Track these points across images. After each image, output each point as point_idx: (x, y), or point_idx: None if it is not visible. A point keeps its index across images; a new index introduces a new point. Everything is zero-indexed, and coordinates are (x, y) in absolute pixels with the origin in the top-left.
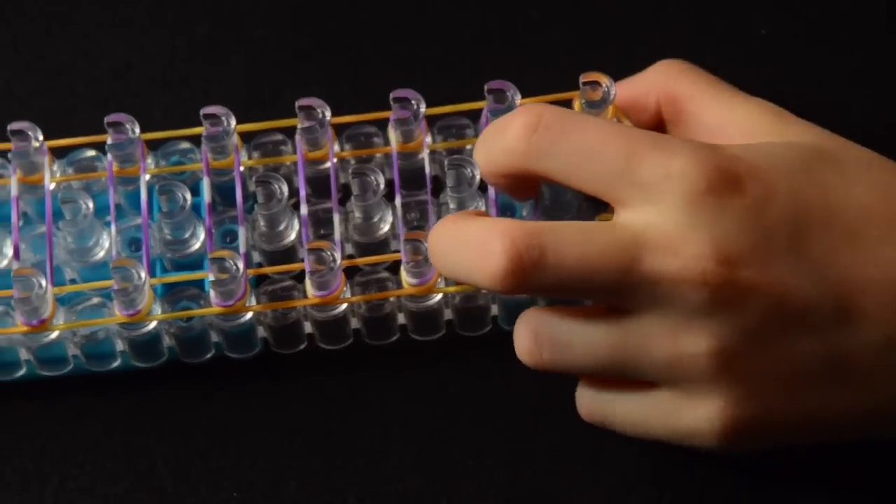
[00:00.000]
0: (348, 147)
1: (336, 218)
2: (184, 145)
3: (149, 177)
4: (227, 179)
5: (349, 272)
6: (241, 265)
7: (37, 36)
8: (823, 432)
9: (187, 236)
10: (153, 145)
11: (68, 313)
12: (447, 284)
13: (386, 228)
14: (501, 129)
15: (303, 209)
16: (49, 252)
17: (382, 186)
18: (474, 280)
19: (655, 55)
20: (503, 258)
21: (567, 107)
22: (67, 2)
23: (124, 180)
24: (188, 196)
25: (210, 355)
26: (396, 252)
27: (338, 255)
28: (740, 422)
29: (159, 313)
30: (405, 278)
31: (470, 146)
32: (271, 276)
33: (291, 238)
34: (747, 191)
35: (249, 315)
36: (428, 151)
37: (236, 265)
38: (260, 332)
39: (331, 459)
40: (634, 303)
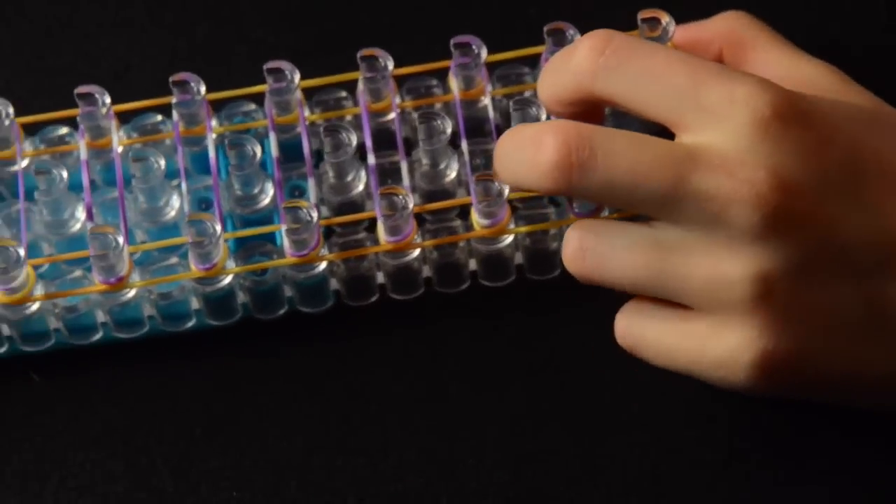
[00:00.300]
0: (408, 99)
1: (403, 166)
2: (247, 106)
3: (214, 136)
4: (290, 136)
5: (419, 222)
6: (314, 213)
7: (37, 36)
8: (852, 388)
9: (257, 191)
10: (216, 107)
11: (144, 273)
12: (517, 226)
13: (452, 176)
14: (569, 52)
15: (370, 158)
16: (122, 213)
17: (449, 132)
18: (526, 177)
19: None
20: (553, 152)
21: None
22: (67, 2)
23: (189, 141)
24: (257, 149)
25: (283, 311)
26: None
27: (409, 200)
28: (771, 357)
29: (233, 267)
30: (476, 220)
31: (529, 92)
32: (340, 228)
33: (360, 189)
34: (811, 125)
35: (323, 266)
36: (490, 97)
37: (310, 213)
38: (332, 285)
39: (330, 459)
40: (680, 218)
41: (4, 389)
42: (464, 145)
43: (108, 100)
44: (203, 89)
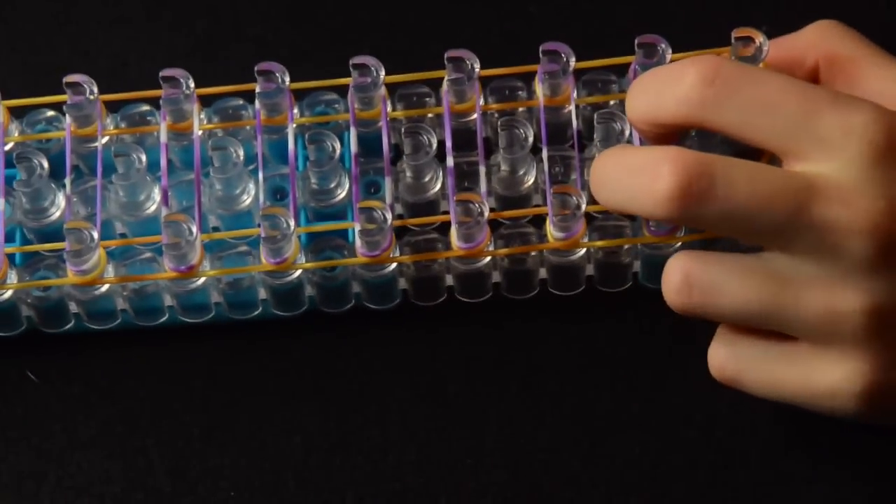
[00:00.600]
0: (491, 100)
1: (482, 171)
2: (329, 96)
3: (294, 126)
4: (370, 131)
5: (492, 226)
6: (388, 216)
7: (34, 34)
8: None
9: (333, 186)
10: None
11: (214, 261)
12: (591, 238)
13: (530, 182)
14: (674, 77)
15: (449, 161)
16: (197, 199)
17: (531, 140)
18: (639, 204)
19: None
20: (672, 181)
21: None
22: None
23: (268, 130)
24: (337, 146)
25: (350, 306)
26: (538, 206)
27: (485, 208)
28: (883, 388)
29: (303, 262)
30: (551, 232)
31: (614, 101)
32: (413, 227)
33: (436, 190)
34: None
35: (393, 266)
36: (574, 105)
37: (384, 215)
38: (401, 283)
39: (329, 458)
40: (796, 249)
41: (1, 389)
42: (544, 153)
43: (192, 83)
44: (287, 79)
